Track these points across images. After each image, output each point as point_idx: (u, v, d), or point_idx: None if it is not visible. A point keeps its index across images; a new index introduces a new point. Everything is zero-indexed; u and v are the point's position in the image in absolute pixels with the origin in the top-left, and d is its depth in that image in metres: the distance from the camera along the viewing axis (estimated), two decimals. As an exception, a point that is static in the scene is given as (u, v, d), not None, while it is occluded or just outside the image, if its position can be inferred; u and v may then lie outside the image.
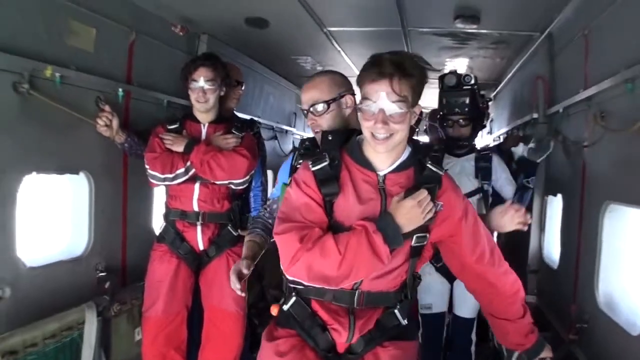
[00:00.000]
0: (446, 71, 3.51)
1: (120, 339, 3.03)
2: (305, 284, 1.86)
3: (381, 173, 1.89)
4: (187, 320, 3.18)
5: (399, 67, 1.75)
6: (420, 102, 1.86)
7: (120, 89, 3.15)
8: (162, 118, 3.39)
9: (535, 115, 3.91)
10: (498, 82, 5.97)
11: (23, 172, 2.50)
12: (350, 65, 5.15)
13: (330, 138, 2.01)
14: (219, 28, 4.01)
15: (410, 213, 1.77)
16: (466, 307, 3.36)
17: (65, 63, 2.70)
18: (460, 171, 3.31)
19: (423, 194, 1.80)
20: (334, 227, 1.83)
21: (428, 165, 1.89)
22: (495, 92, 6.28)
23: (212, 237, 3.19)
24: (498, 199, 3.35)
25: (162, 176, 3.01)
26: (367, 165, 1.90)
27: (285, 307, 2.01)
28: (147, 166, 3.03)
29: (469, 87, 3.40)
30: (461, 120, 3.37)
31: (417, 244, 1.89)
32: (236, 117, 3.63)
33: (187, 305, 3.18)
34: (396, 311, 1.99)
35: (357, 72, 1.86)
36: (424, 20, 3.85)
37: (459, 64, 5.11)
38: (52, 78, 2.61)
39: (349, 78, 2.34)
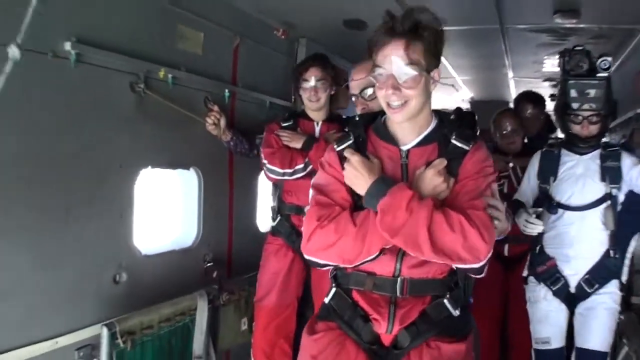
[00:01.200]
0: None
1: (227, 327, 3.18)
2: (341, 269, 1.87)
3: (404, 148, 1.81)
4: (297, 311, 3.28)
5: (406, 29, 1.66)
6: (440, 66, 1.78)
7: (226, 90, 3.33)
8: (264, 118, 3.55)
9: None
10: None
11: (139, 166, 2.71)
12: (447, 65, 5.09)
13: (357, 119, 1.97)
14: (318, 31, 4.11)
15: (432, 182, 1.70)
16: (594, 336, 2.75)
17: (176, 65, 2.89)
18: (584, 172, 2.79)
19: (443, 162, 1.73)
20: (362, 207, 1.76)
21: (452, 140, 1.78)
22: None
23: None
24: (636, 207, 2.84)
25: (282, 171, 3.08)
26: (391, 140, 1.83)
27: (327, 300, 1.93)
28: (264, 161, 3.13)
29: (606, 74, 2.71)
30: (593, 117, 2.73)
31: None
32: (344, 117, 3.71)
33: (298, 297, 3.28)
34: (445, 301, 1.81)
35: (453, 73, 1.88)
36: (522, 16, 3.74)
37: (557, 62, 4.92)
38: (164, 79, 2.80)
39: (445, 78, 2.29)
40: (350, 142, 1.84)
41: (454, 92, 6.50)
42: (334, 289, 1.91)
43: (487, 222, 1.66)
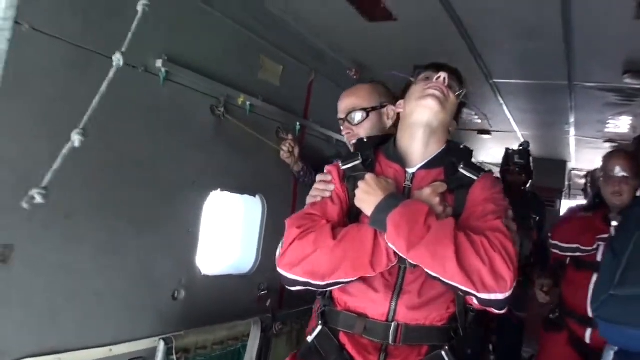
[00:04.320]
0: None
1: (277, 358, 3.15)
2: (330, 306, 1.73)
3: (410, 171, 1.75)
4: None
5: (453, 70, 1.80)
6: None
7: (297, 123, 3.39)
8: (331, 154, 3.58)
9: None
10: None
11: (210, 187, 2.76)
12: (510, 118, 5.07)
13: (365, 140, 1.91)
14: (387, 75, 4.17)
15: (428, 202, 1.58)
16: None
17: (255, 93, 2.98)
18: None
19: (443, 186, 1.66)
20: None
21: (460, 169, 1.72)
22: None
23: None
24: None
25: None
26: (399, 160, 1.77)
27: (310, 338, 1.76)
28: None
29: None
30: None
31: None
32: None
33: None
34: (443, 353, 1.64)
35: (516, 127, 1.88)
36: (592, 74, 3.68)
37: (622, 123, 4.84)
38: (243, 106, 2.88)
39: (507, 133, 2.23)
40: (358, 162, 1.79)
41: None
42: (319, 327, 1.75)
43: (508, 245, 1.51)
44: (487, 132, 5.62)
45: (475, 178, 1.71)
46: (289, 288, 1.66)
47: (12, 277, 1.88)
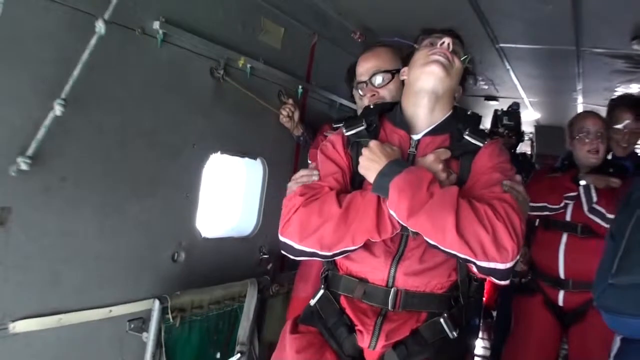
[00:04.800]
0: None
1: (274, 319, 3.19)
2: (333, 269, 1.75)
3: (415, 137, 1.75)
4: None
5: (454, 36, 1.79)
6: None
7: (300, 86, 3.36)
8: (334, 118, 3.56)
9: None
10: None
11: (210, 150, 2.76)
12: (517, 84, 5.01)
13: (371, 107, 1.90)
14: (389, 41, 4.11)
15: (431, 168, 1.58)
16: None
17: (255, 56, 2.94)
18: None
19: (447, 153, 1.66)
20: None
21: (465, 136, 1.72)
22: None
23: None
24: None
25: None
26: (404, 126, 1.76)
27: (312, 302, 1.79)
28: None
29: None
30: None
31: None
32: None
33: None
34: (442, 320, 1.64)
35: (523, 94, 1.85)
36: (600, 39, 3.62)
37: (631, 91, 4.73)
38: (243, 68, 2.85)
39: (514, 99, 2.18)
40: (362, 127, 1.78)
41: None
42: (321, 291, 1.78)
43: (514, 215, 1.48)
44: (494, 98, 5.55)
45: (480, 145, 1.70)
46: (293, 257, 1.67)
47: (10, 239, 1.89)
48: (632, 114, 3.08)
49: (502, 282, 1.55)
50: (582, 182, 2.86)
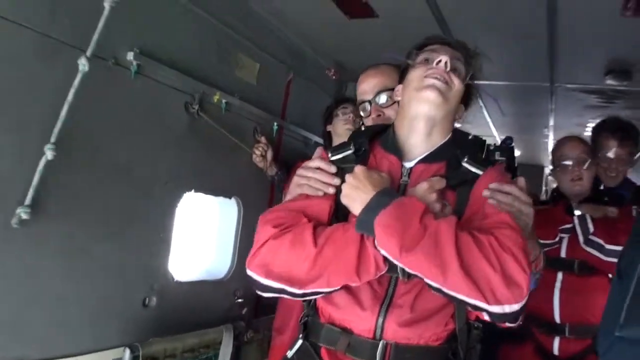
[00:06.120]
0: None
1: (248, 366, 3.04)
2: (314, 316, 1.56)
3: (407, 164, 1.56)
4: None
5: (458, 45, 1.62)
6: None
7: (275, 123, 3.29)
8: (309, 156, 3.49)
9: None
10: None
11: (184, 189, 2.63)
12: (489, 121, 5.06)
13: (362, 129, 1.75)
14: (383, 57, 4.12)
15: (424, 199, 1.39)
16: None
17: (230, 91, 2.86)
18: None
19: (441, 182, 1.46)
20: None
21: (464, 163, 1.52)
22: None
23: None
24: None
25: None
26: (395, 151, 1.57)
27: (290, 353, 1.59)
28: None
29: None
30: None
31: None
32: None
33: None
34: None
35: (495, 132, 1.72)
36: (574, 75, 3.67)
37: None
38: (218, 103, 2.76)
39: (485, 137, 2.01)
40: (350, 152, 1.58)
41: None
42: (300, 342, 1.58)
43: (520, 242, 1.30)
44: (465, 136, 5.59)
45: (480, 173, 1.51)
46: (260, 293, 1.45)
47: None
48: (617, 140, 2.86)
49: (513, 325, 1.35)
50: (577, 212, 2.61)
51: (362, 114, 2.17)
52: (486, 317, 1.32)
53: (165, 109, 2.47)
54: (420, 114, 1.54)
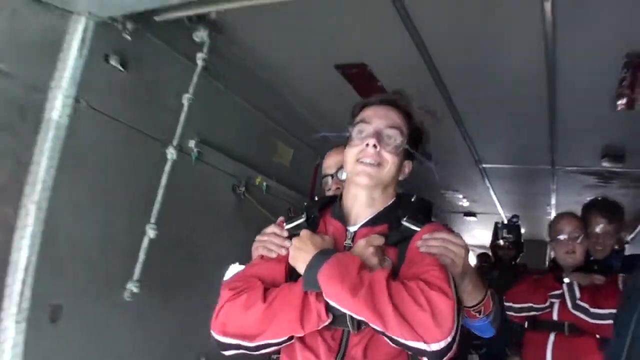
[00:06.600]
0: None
1: None
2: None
3: (352, 229, 1.63)
4: None
5: (400, 101, 1.66)
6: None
7: (305, 203, 3.58)
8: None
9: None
10: (636, 223, 5.85)
11: (232, 261, 2.90)
12: (495, 201, 5.38)
13: (316, 199, 1.84)
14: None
15: (362, 254, 1.47)
16: None
17: (269, 174, 3.21)
18: None
19: (379, 239, 1.54)
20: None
21: (403, 222, 1.59)
22: (633, 235, 6.08)
23: None
24: None
25: None
26: (340, 218, 1.65)
27: None
28: None
29: None
30: None
31: None
32: None
33: None
34: None
35: (500, 210, 1.77)
36: (573, 159, 4.06)
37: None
38: (259, 186, 3.10)
39: (491, 215, 2.13)
40: (302, 220, 1.68)
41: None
42: None
43: (446, 277, 1.39)
44: (473, 214, 5.89)
45: (417, 229, 1.57)
46: (223, 352, 1.56)
47: (59, 334, 2.02)
48: (605, 218, 3.18)
49: None
50: (566, 280, 2.88)
51: (324, 187, 2.42)
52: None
53: (217, 191, 2.80)
54: (358, 192, 1.64)
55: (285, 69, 2.99)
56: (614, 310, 2.35)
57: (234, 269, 1.81)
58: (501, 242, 4.43)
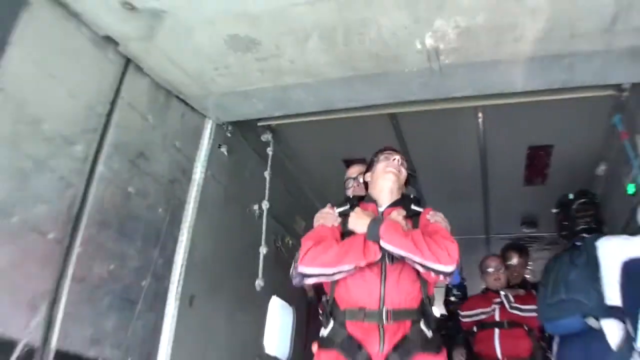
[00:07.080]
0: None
1: None
2: (336, 308, 2.38)
3: (381, 209, 2.57)
4: None
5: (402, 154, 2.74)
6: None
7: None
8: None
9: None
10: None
11: (272, 294, 4.07)
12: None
13: (352, 196, 2.88)
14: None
15: (396, 219, 2.39)
16: None
17: (294, 236, 4.44)
18: None
19: (402, 212, 2.49)
20: None
21: (412, 206, 2.57)
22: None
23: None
24: None
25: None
26: (372, 201, 2.60)
27: (325, 333, 2.38)
28: None
29: None
30: None
31: None
32: None
33: None
34: (421, 324, 2.31)
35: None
36: (502, 227, 5.31)
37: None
38: (288, 244, 4.31)
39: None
40: (347, 207, 2.59)
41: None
42: (332, 323, 2.37)
43: (449, 235, 2.31)
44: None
45: (421, 210, 2.56)
46: (305, 282, 2.45)
47: (193, 314, 3.09)
48: (517, 254, 4.65)
49: (449, 279, 2.28)
50: (502, 292, 4.23)
51: (346, 186, 3.29)
52: (441, 278, 2.26)
53: (267, 242, 3.92)
54: (384, 186, 2.63)
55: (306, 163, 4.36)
56: (534, 307, 3.68)
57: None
58: (452, 298, 5.51)
